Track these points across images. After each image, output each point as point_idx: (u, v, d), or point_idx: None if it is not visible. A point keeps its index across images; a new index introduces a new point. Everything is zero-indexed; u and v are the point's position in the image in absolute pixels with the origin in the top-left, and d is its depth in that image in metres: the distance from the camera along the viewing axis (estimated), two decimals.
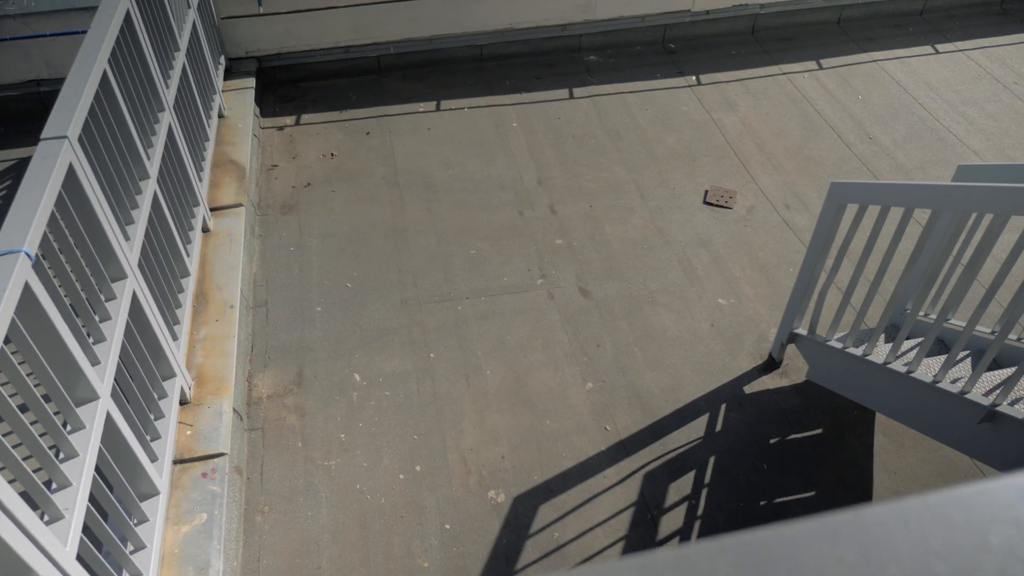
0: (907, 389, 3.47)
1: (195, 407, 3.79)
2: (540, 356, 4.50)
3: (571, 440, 4.07)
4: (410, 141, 6.17)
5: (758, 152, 6.09)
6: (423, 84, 6.87)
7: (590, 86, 6.84)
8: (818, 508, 3.79)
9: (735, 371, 4.45)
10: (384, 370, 4.40)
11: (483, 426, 4.12)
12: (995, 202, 2.74)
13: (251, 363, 4.44)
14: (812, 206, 5.57)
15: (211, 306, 4.33)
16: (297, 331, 4.63)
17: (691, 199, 5.63)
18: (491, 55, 7.18)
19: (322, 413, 4.17)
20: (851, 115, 6.51)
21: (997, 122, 6.43)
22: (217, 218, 4.97)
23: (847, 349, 3.79)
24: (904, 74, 7.03)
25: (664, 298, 4.87)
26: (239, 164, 5.47)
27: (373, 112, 6.51)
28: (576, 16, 7.05)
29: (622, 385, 4.34)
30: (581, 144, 6.15)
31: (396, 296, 4.86)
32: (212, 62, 5.85)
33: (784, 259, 5.16)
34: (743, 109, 6.57)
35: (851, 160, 6.02)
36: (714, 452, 4.04)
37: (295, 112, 6.53)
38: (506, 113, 6.50)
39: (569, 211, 5.50)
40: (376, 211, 5.49)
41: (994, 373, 3.53)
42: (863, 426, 4.18)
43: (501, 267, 5.07)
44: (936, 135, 6.29)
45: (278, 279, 4.96)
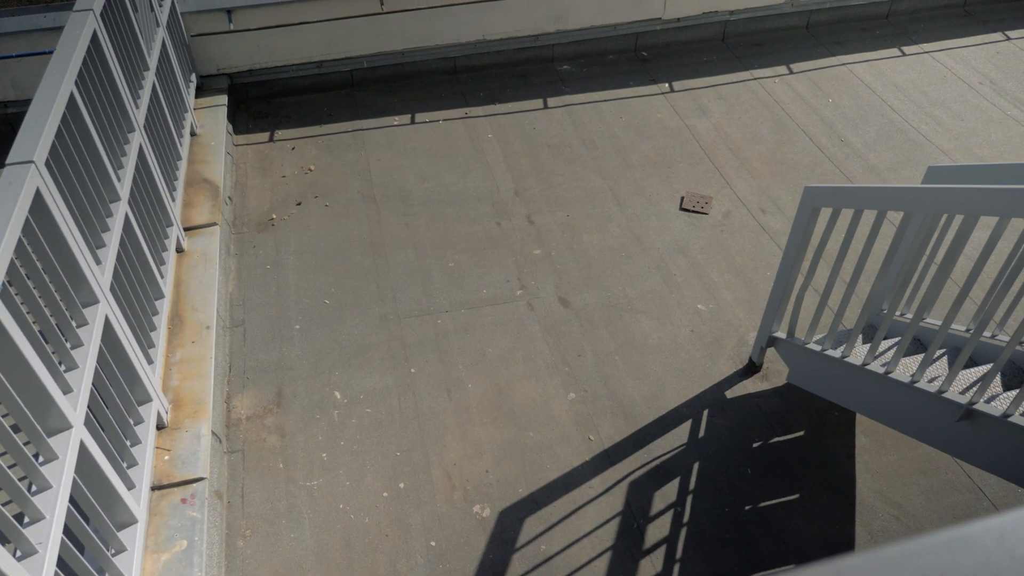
0: (886, 389, 3.50)
1: (173, 431, 3.73)
2: (521, 367, 4.49)
3: (555, 451, 4.05)
4: (385, 155, 6.15)
5: (732, 157, 6.14)
6: (397, 97, 6.85)
7: (564, 96, 6.87)
8: (803, 511, 3.80)
9: (716, 376, 4.46)
10: (365, 387, 4.37)
11: (466, 440, 4.10)
12: (964, 203, 2.77)
13: (229, 384, 4.38)
14: (787, 209, 5.61)
15: (187, 328, 4.27)
16: (275, 350, 4.58)
17: (667, 206, 5.65)
18: (464, 67, 7.18)
19: (303, 433, 4.12)
20: (822, 118, 6.58)
21: (964, 122, 6.53)
22: (191, 238, 4.91)
23: (826, 352, 3.82)
24: (872, 76, 7.13)
25: (643, 305, 4.88)
26: (212, 182, 5.42)
27: (347, 127, 6.48)
28: (548, 27, 7.08)
29: (604, 394, 4.34)
30: (557, 154, 6.17)
31: (375, 311, 4.83)
32: (183, 80, 5.80)
33: (761, 263, 5.19)
34: (716, 115, 6.62)
35: (824, 163, 6.09)
36: (698, 458, 4.04)
37: (269, 128, 6.48)
38: (481, 124, 6.50)
39: (546, 221, 5.50)
40: (353, 226, 5.46)
41: (971, 371, 3.57)
42: (844, 427, 4.21)
43: (480, 279, 5.05)
44: (906, 136, 6.37)
45: (255, 298, 4.91)
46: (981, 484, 3.90)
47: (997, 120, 6.55)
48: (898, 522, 3.75)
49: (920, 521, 3.75)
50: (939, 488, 3.89)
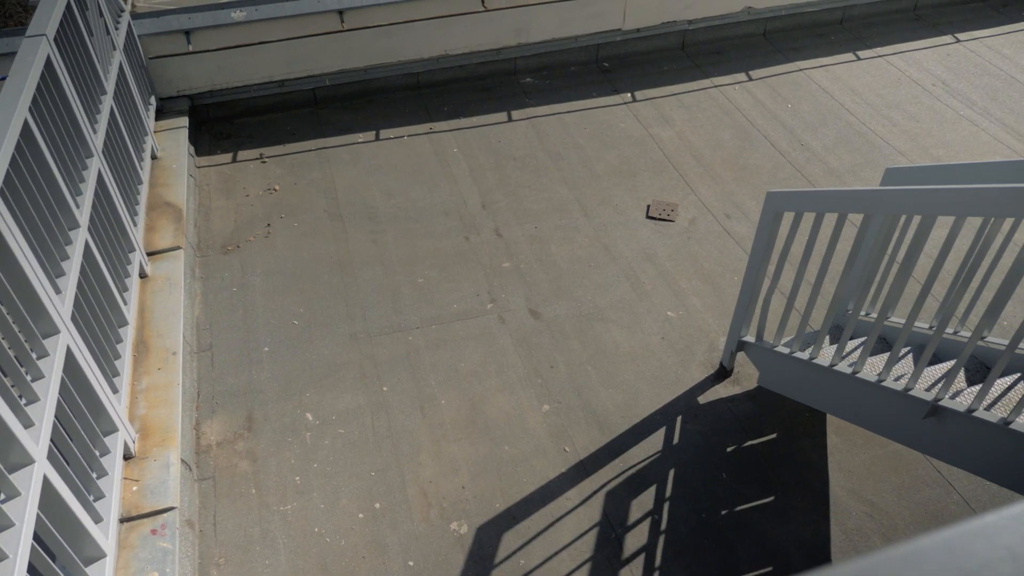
0: (854, 389, 3.55)
1: (140, 461, 3.65)
2: (494, 381, 4.47)
3: (531, 464, 4.04)
4: (351, 172, 6.12)
5: (696, 164, 6.20)
6: (361, 114, 6.83)
7: (528, 108, 6.90)
8: (778, 513, 3.83)
9: (688, 382, 4.49)
10: (337, 407, 4.32)
11: (441, 457, 4.07)
12: (921, 204, 2.83)
13: (198, 410, 4.30)
14: (751, 214, 5.69)
15: (152, 354, 4.19)
16: (244, 374, 4.51)
17: (634, 214, 5.69)
18: (428, 82, 7.19)
19: (275, 457, 4.06)
20: (782, 123, 6.69)
21: (919, 123, 6.68)
22: (155, 262, 4.83)
23: (794, 354, 3.86)
24: (829, 81, 7.26)
25: (614, 314, 4.90)
26: (175, 206, 5.35)
27: (312, 145, 6.44)
28: (510, 40, 7.12)
29: (578, 405, 4.34)
30: (522, 166, 6.19)
31: (345, 330, 4.78)
32: (142, 103, 5.72)
33: (728, 268, 5.24)
34: (679, 123, 6.70)
35: (786, 167, 6.18)
36: (673, 465, 4.06)
37: (231, 149, 6.42)
38: (446, 139, 6.50)
39: (515, 233, 5.51)
40: (320, 245, 5.41)
41: (937, 367, 3.63)
42: (816, 427, 4.26)
43: (450, 294, 5.04)
44: (864, 138, 6.50)
45: (222, 321, 4.84)
46: (951, 479, 3.96)
47: (951, 120, 6.71)
48: (872, 520, 3.80)
49: (893, 518, 3.80)
50: (910, 484, 3.95)
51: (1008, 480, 2.96)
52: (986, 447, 2.98)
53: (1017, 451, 2.85)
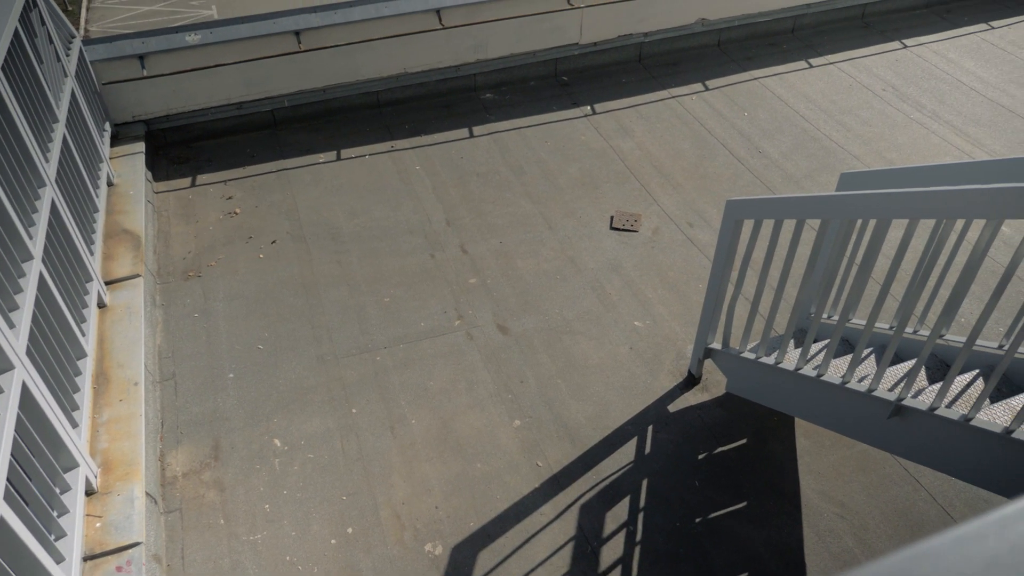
0: (819, 392, 3.59)
1: (103, 496, 3.55)
2: (465, 399, 4.45)
3: (504, 481, 4.02)
4: (313, 193, 6.07)
5: (657, 174, 6.27)
6: (321, 135, 6.79)
7: (489, 123, 6.92)
8: (751, 518, 3.86)
9: (658, 391, 4.51)
10: (305, 432, 4.26)
11: (413, 477, 4.03)
12: (875, 209, 2.89)
13: (162, 441, 4.21)
14: (713, 222, 5.76)
15: (113, 386, 4.10)
16: (209, 401, 4.43)
17: (598, 226, 5.73)
18: (388, 100, 7.18)
19: (243, 485, 3.98)
20: (740, 131, 6.80)
21: (871, 127, 6.84)
22: (113, 291, 4.74)
23: (760, 359, 3.90)
24: (784, 89, 7.41)
25: (582, 326, 4.91)
26: (133, 233, 5.25)
27: (272, 167, 6.38)
28: (468, 56, 7.14)
29: (549, 419, 4.33)
30: (486, 181, 6.19)
31: (311, 353, 4.73)
32: (96, 130, 5.62)
33: (693, 276, 5.29)
34: (638, 134, 6.77)
35: (745, 174, 6.27)
36: (646, 475, 4.07)
37: (190, 173, 6.33)
38: (408, 157, 6.49)
39: (480, 249, 5.51)
40: (283, 268, 5.35)
41: (899, 367, 3.70)
42: (784, 431, 4.30)
43: (417, 312, 5.01)
44: (819, 144, 6.63)
45: (185, 349, 4.75)
46: (917, 476, 4.02)
47: (901, 124, 6.87)
48: (843, 520, 3.84)
49: (863, 518, 3.85)
50: (878, 483, 4.01)
51: (972, 476, 3.02)
52: (949, 444, 3.03)
53: (978, 447, 2.91)
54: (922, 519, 3.83)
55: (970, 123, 6.86)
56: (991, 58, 7.84)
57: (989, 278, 5.15)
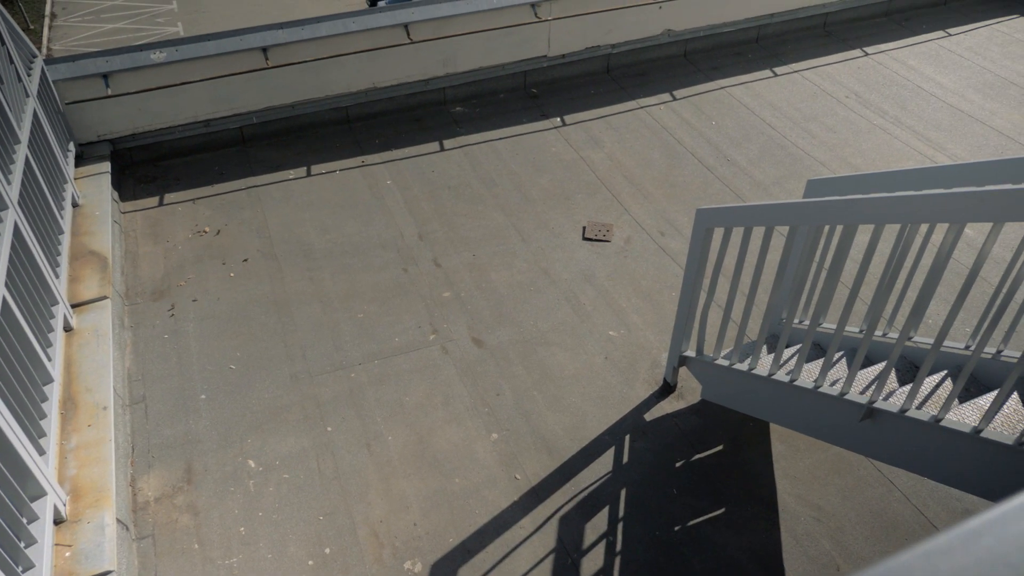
0: (792, 397, 3.63)
1: (73, 524, 3.47)
2: (441, 413, 4.43)
3: (483, 495, 4.00)
4: (283, 210, 6.03)
5: (628, 184, 6.31)
6: (291, 151, 6.75)
7: (459, 136, 6.93)
8: (730, 524, 3.87)
9: (634, 400, 4.52)
10: (280, 452, 4.20)
11: (391, 495, 3.99)
12: (842, 214, 2.93)
13: (133, 466, 4.13)
14: (684, 230, 5.80)
15: (81, 411, 4.01)
16: (181, 424, 4.36)
17: (570, 237, 5.75)
18: (357, 115, 7.16)
19: (217, 508, 3.92)
20: (708, 140, 6.87)
21: (836, 134, 6.96)
22: (80, 314, 4.65)
23: (734, 366, 3.93)
24: (750, 97, 7.51)
25: (556, 337, 4.91)
26: (100, 254, 5.17)
27: (241, 184, 6.32)
28: (437, 70, 7.15)
29: (526, 431, 4.32)
30: (457, 195, 6.19)
31: (285, 372, 4.68)
32: (60, 150, 5.53)
33: (665, 284, 5.33)
34: (608, 144, 6.81)
35: (714, 183, 6.34)
36: (624, 484, 4.07)
37: (158, 192, 6.25)
38: (379, 172, 6.47)
39: (453, 262, 5.50)
40: (254, 286, 5.30)
41: (870, 370, 3.74)
42: (760, 436, 4.33)
43: (391, 328, 4.98)
44: (786, 151, 6.73)
45: (155, 371, 4.67)
46: (891, 477, 4.07)
47: (865, 130, 7.00)
48: (819, 523, 3.87)
49: (840, 520, 3.88)
50: (853, 486, 4.05)
51: (944, 476, 3.06)
52: (920, 445, 3.07)
53: (949, 447, 2.95)
54: (897, 520, 3.87)
55: (931, 128, 7.00)
56: (949, 64, 8.03)
57: (955, 279, 5.24)
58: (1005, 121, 7.08)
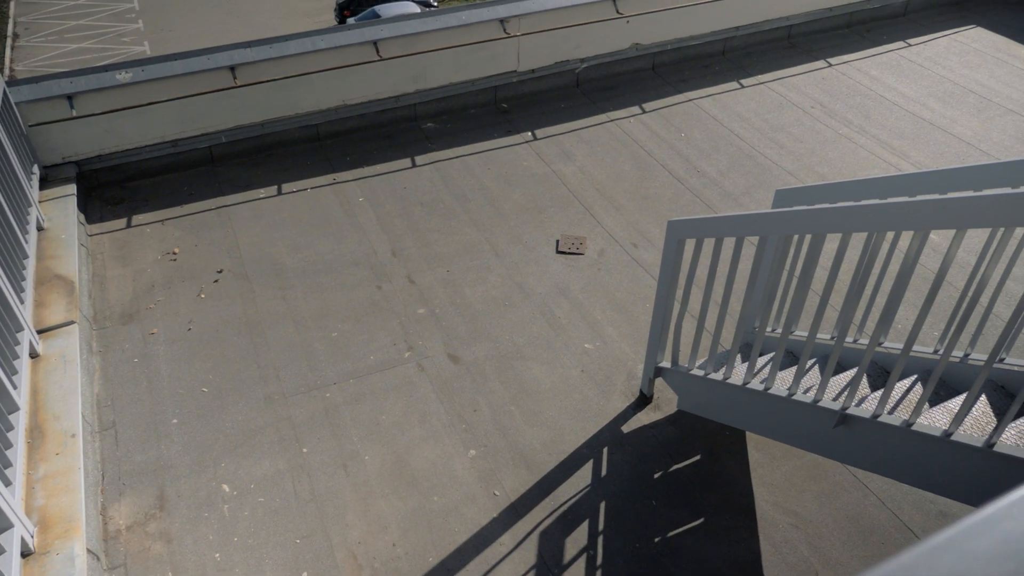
0: (767, 405, 3.65)
1: (41, 556, 3.39)
2: (418, 431, 4.39)
3: (462, 513, 3.97)
4: (254, 229, 5.97)
5: (600, 197, 6.35)
6: (261, 169, 6.70)
7: (431, 152, 6.93)
8: (709, 534, 3.88)
9: (611, 413, 4.53)
10: (255, 475, 4.14)
11: (369, 515, 3.95)
12: (809, 224, 2.97)
13: (103, 494, 4.04)
14: (657, 241, 5.84)
15: (49, 439, 3.93)
16: (153, 449, 4.28)
17: (544, 250, 5.76)
18: (328, 133, 7.13)
19: (191, 535, 3.84)
20: (678, 152, 6.94)
21: (803, 143, 7.07)
22: (47, 340, 4.56)
23: (709, 376, 3.95)
24: (718, 109, 7.61)
25: (532, 351, 4.91)
26: (66, 278, 5.08)
27: (211, 204, 6.26)
28: (407, 87, 7.15)
29: (504, 447, 4.31)
30: (430, 211, 6.18)
31: (258, 393, 4.62)
32: (23, 173, 5.44)
33: (639, 296, 5.36)
34: (580, 158, 6.86)
35: (685, 194, 6.40)
36: (603, 497, 4.06)
37: (125, 214, 6.17)
38: (351, 189, 6.44)
39: (427, 279, 5.48)
40: (226, 307, 5.23)
41: (843, 376, 3.78)
42: (737, 445, 4.36)
43: (366, 346, 4.94)
44: (754, 161, 6.82)
45: (125, 396, 4.59)
46: (866, 482, 4.11)
47: (831, 140, 7.12)
48: (797, 530, 3.89)
49: (817, 526, 3.91)
50: (829, 491, 4.08)
51: (917, 479, 3.10)
52: (893, 450, 3.11)
53: (921, 451, 2.99)
54: (873, 524, 3.91)
55: (894, 136, 7.14)
56: (910, 74, 8.20)
57: (923, 285, 5.33)
58: (965, 128, 7.24)
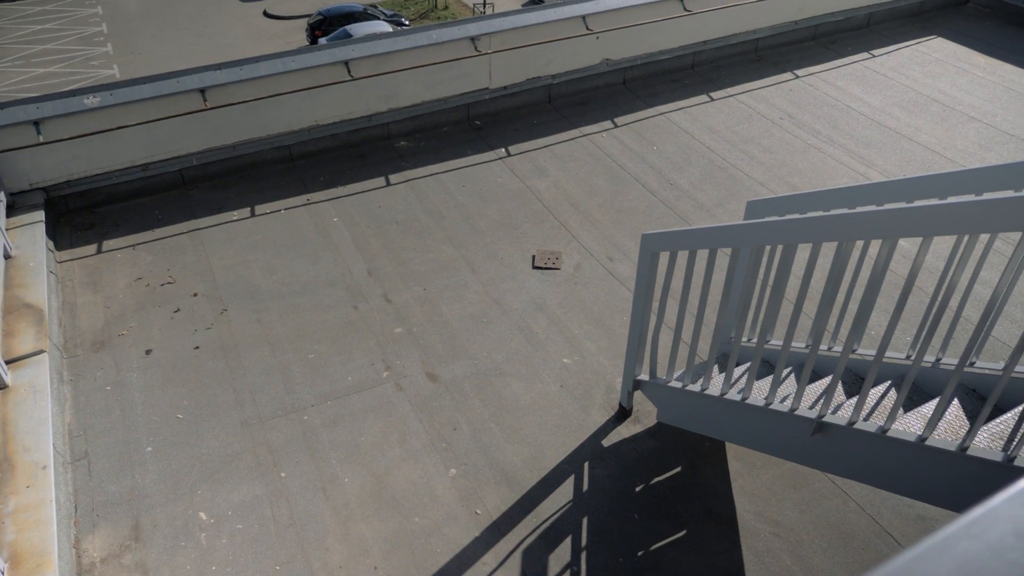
0: (745, 415, 3.67)
1: None
2: (398, 452, 4.36)
3: (444, 533, 3.94)
4: (227, 252, 5.92)
5: (574, 211, 6.38)
6: (233, 191, 6.65)
7: (405, 171, 6.92)
8: (692, 546, 3.88)
9: (591, 427, 4.53)
10: (232, 501, 4.08)
11: (349, 539, 3.90)
12: (780, 235, 3.00)
13: (76, 526, 3.96)
14: (632, 255, 5.88)
15: (19, 472, 3.84)
16: (127, 478, 4.20)
17: (520, 266, 5.77)
18: (301, 153, 7.10)
19: (168, 565, 3.77)
20: (650, 165, 7.00)
21: (773, 154, 7.16)
22: (15, 370, 4.47)
23: (686, 387, 3.97)
24: (688, 122, 7.69)
25: (511, 368, 4.90)
26: (35, 307, 4.99)
27: (183, 227, 6.20)
28: (380, 106, 7.16)
29: (485, 464, 4.28)
30: (405, 229, 6.17)
31: (234, 418, 4.56)
32: None
33: (616, 309, 5.37)
34: (554, 173, 6.89)
35: (658, 206, 6.45)
36: (586, 512, 4.05)
37: (95, 240, 6.08)
38: (325, 209, 6.42)
39: (404, 297, 5.46)
40: (200, 331, 5.17)
41: (818, 384, 3.82)
42: (717, 456, 4.37)
43: (343, 367, 4.90)
44: (726, 173, 6.89)
45: (97, 425, 4.51)
46: (846, 488, 4.14)
47: (800, 150, 7.23)
48: (779, 539, 3.91)
49: (798, 534, 3.92)
50: (810, 499, 4.10)
51: (894, 485, 3.13)
52: (870, 456, 3.13)
53: (897, 456, 3.02)
54: (853, 530, 3.93)
55: (861, 145, 7.26)
56: (875, 84, 8.36)
57: (894, 291, 5.41)
58: (929, 136, 7.39)
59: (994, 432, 2.96)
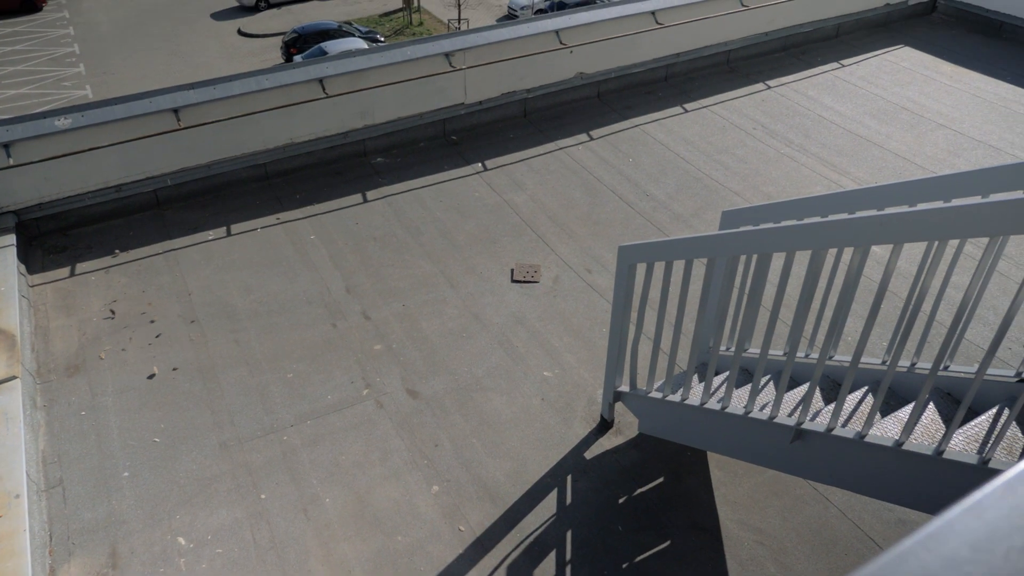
0: (725, 424, 3.69)
1: None
2: (379, 470, 4.33)
3: (427, 551, 3.90)
4: (204, 272, 5.86)
5: (552, 224, 6.40)
6: (209, 211, 6.60)
7: (382, 187, 6.92)
8: (676, 557, 3.88)
9: (573, 439, 4.52)
10: (211, 525, 4.02)
11: (331, 560, 3.86)
12: (754, 244, 3.03)
13: (51, 556, 3.88)
14: (610, 266, 5.90)
15: None
16: (103, 505, 4.13)
17: (499, 280, 5.77)
18: (276, 171, 7.07)
19: None
20: (627, 177, 7.05)
21: (747, 164, 7.24)
22: None
23: (667, 398, 3.98)
24: (663, 134, 7.76)
25: (492, 382, 4.89)
26: (7, 332, 4.91)
27: (158, 248, 6.14)
28: (355, 123, 7.15)
29: (467, 480, 4.26)
30: (383, 245, 6.16)
31: (213, 440, 4.50)
32: None
33: (596, 321, 5.39)
34: (531, 187, 6.91)
35: (635, 218, 6.49)
36: (569, 526, 4.04)
37: (68, 262, 6.01)
38: (301, 227, 6.39)
39: (383, 314, 5.44)
40: (176, 353, 5.11)
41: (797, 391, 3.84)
42: (699, 465, 4.38)
43: (323, 385, 4.87)
44: (701, 183, 6.95)
45: (72, 451, 4.43)
46: (827, 494, 4.17)
47: (774, 159, 7.31)
48: (762, 547, 3.92)
49: (781, 541, 3.94)
50: (791, 506, 4.12)
51: (873, 490, 3.15)
52: (849, 462, 3.16)
53: (875, 461, 3.04)
54: (835, 536, 3.95)
55: (834, 154, 7.36)
56: (845, 93, 8.49)
57: (869, 297, 5.47)
58: (900, 144, 7.51)
59: (969, 435, 2.99)
